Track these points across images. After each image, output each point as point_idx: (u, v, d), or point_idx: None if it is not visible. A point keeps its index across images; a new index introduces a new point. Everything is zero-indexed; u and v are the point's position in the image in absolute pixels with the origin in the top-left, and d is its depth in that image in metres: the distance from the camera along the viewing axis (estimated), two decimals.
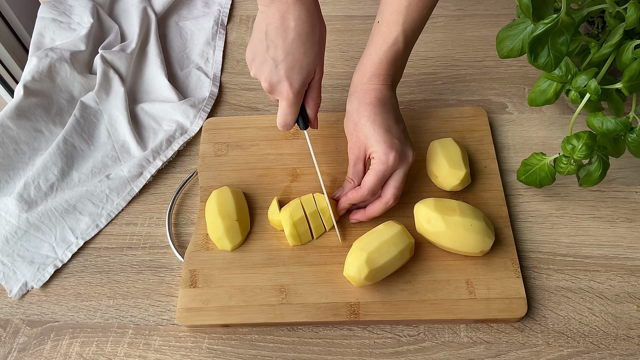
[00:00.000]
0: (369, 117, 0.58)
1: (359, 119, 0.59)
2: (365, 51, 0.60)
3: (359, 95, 0.59)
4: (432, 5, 0.59)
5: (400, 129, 0.60)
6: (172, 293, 0.62)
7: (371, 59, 0.59)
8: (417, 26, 0.59)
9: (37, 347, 0.59)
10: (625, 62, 0.55)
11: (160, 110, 0.74)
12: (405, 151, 0.59)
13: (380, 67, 0.59)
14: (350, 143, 0.60)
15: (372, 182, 0.58)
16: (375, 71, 0.59)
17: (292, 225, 0.60)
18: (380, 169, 0.58)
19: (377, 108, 0.59)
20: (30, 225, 0.65)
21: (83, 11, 0.81)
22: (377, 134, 0.58)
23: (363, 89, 0.59)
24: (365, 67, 0.60)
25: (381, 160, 0.58)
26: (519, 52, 0.59)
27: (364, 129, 0.58)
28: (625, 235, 0.63)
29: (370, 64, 0.59)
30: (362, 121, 0.59)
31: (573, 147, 0.57)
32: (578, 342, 0.57)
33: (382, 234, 0.58)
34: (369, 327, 0.59)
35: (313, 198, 0.63)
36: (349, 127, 0.60)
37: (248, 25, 0.86)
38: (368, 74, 0.59)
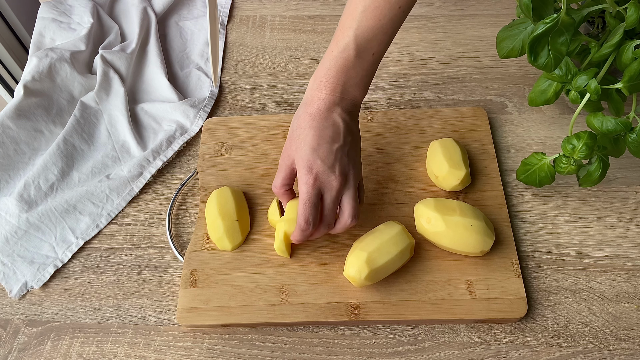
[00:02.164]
0: (303, 130, 0.54)
1: (296, 129, 0.55)
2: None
3: (305, 101, 0.55)
4: (393, 16, 0.53)
5: (331, 149, 0.53)
6: (172, 293, 0.62)
7: (323, 63, 0.55)
8: (373, 35, 0.53)
9: (37, 347, 0.59)
10: (625, 62, 0.55)
11: (160, 110, 0.74)
12: (326, 176, 0.53)
13: (329, 74, 0.54)
14: (283, 149, 0.56)
15: (302, 210, 0.53)
16: (324, 77, 0.54)
17: (282, 240, 0.60)
18: (303, 192, 0.53)
19: (315, 122, 0.54)
20: (30, 225, 0.65)
21: (83, 11, 0.81)
22: (302, 152, 0.53)
23: (310, 95, 0.55)
24: (318, 71, 0.55)
25: (302, 182, 0.53)
26: (519, 52, 0.59)
27: (295, 141, 0.54)
28: (626, 235, 0.63)
29: (322, 67, 0.55)
30: (298, 132, 0.54)
31: (573, 147, 0.57)
32: (578, 342, 0.57)
33: (382, 234, 0.58)
34: (369, 327, 0.59)
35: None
36: (289, 132, 0.56)
37: (248, 25, 0.86)
38: (318, 79, 0.54)
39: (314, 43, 0.83)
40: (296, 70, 0.80)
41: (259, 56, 0.82)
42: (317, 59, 0.81)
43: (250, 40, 0.84)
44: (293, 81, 0.79)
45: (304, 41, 0.83)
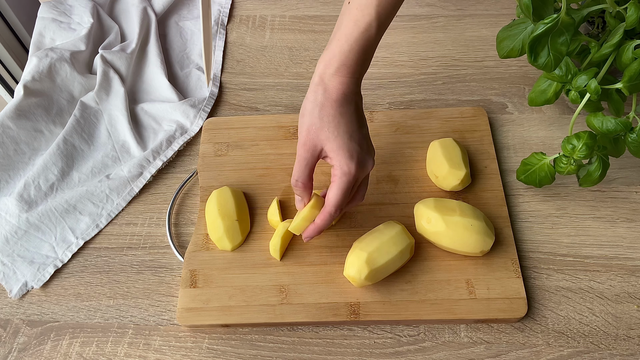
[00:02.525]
0: (334, 118, 0.52)
1: (322, 117, 0.52)
2: (333, 36, 0.53)
3: (325, 88, 0.52)
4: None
5: (362, 134, 0.54)
6: (172, 293, 0.62)
7: (340, 46, 0.52)
8: (392, 10, 0.52)
9: (37, 347, 0.59)
10: (625, 62, 0.55)
11: (160, 110, 0.74)
12: (365, 160, 0.54)
13: (350, 57, 0.52)
14: (304, 141, 0.53)
15: (338, 198, 0.53)
16: (345, 61, 0.52)
17: (279, 241, 0.60)
18: (344, 181, 0.52)
19: (343, 107, 0.52)
20: (30, 225, 0.65)
21: (83, 11, 0.81)
22: (340, 140, 0.52)
23: (330, 82, 0.52)
24: (333, 55, 0.52)
25: (344, 171, 0.52)
26: (519, 52, 0.59)
27: (326, 130, 0.52)
28: (626, 235, 0.63)
29: (339, 51, 0.52)
30: (325, 120, 0.52)
31: (573, 147, 0.57)
32: (578, 342, 0.57)
33: (382, 234, 0.58)
34: (369, 327, 0.59)
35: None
36: (306, 123, 0.53)
37: (248, 25, 0.86)
38: (335, 64, 0.52)
39: (314, 43, 0.83)
40: (296, 70, 0.80)
41: (259, 56, 0.82)
42: (317, 59, 0.81)
43: (250, 40, 0.84)
44: (293, 81, 0.79)
45: (304, 41, 0.83)
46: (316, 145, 0.53)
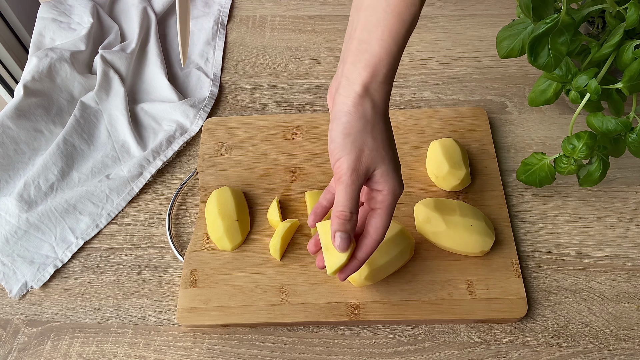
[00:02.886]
0: (387, 135, 0.45)
1: (376, 136, 0.45)
2: (369, 35, 0.43)
3: (373, 101, 0.44)
4: None
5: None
6: (172, 293, 0.62)
7: (387, 48, 0.43)
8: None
9: (37, 347, 0.59)
10: (626, 62, 0.55)
11: (160, 110, 0.74)
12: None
13: (397, 59, 0.44)
14: (355, 165, 0.45)
15: (387, 225, 0.47)
16: (393, 64, 0.44)
17: (279, 241, 0.60)
18: (393, 205, 0.47)
19: (389, 123, 0.46)
20: (30, 225, 0.65)
21: (83, 11, 0.81)
22: (393, 160, 0.46)
23: (377, 92, 0.44)
24: (380, 60, 0.43)
25: (395, 195, 0.46)
26: (519, 52, 0.58)
27: (381, 150, 0.45)
28: (626, 235, 0.63)
29: (387, 53, 0.43)
30: (379, 139, 0.45)
31: (573, 147, 0.57)
32: (578, 342, 0.57)
33: None
34: (369, 327, 0.59)
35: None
36: (356, 143, 0.44)
37: (248, 25, 0.86)
38: (384, 70, 0.44)
39: (314, 43, 0.83)
40: (296, 70, 0.80)
41: (259, 56, 0.82)
42: (317, 59, 0.81)
43: (250, 40, 0.84)
44: (293, 81, 0.79)
45: (304, 41, 0.83)
46: (369, 168, 0.46)
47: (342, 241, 0.46)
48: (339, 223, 0.46)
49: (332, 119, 0.46)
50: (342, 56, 0.46)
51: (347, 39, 0.46)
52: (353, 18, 0.45)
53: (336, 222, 0.46)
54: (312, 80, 0.79)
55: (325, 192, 0.52)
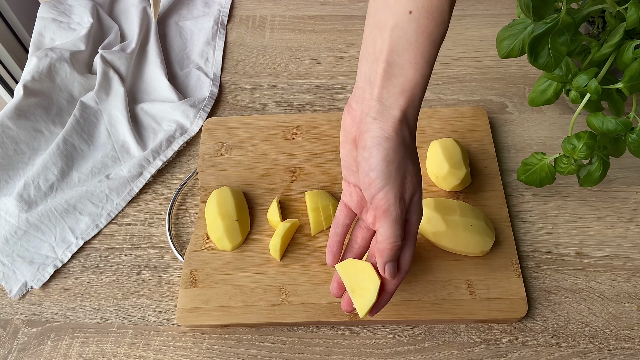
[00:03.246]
0: (418, 160, 0.45)
1: (415, 162, 0.44)
2: (403, 58, 0.41)
3: (409, 127, 0.43)
4: None
5: None
6: (172, 293, 0.62)
7: (421, 70, 0.42)
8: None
9: (37, 347, 0.59)
10: (626, 62, 0.55)
11: (160, 110, 0.74)
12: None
13: (428, 81, 0.43)
14: (400, 194, 0.43)
15: (412, 253, 0.47)
16: (425, 87, 0.43)
17: (279, 241, 0.60)
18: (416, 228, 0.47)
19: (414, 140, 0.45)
20: (30, 225, 0.65)
21: (83, 11, 0.81)
22: (421, 184, 0.45)
23: (411, 118, 0.43)
24: (416, 85, 0.42)
25: (421, 215, 0.47)
26: (519, 51, 0.58)
27: (419, 176, 0.45)
28: (626, 236, 0.63)
29: (421, 76, 0.42)
30: (417, 165, 0.45)
31: (573, 147, 0.57)
32: (578, 342, 0.57)
33: None
34: (369, 327, 0.59)
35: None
36: (399, 170, 0.43)
37: (248, 25, 0.86)
38: (419, 95, 0.42)
39: (314, 43, 0.83)
40: (296, 70, 0.80)
41: (259, 56, 0.82)
42: (317, 59, 0.81)
43: (250, 40, 0.84)
44: (293, 81, 0.79)
45: (304, 41, 0.83)
46: (411, 194, 0.44)
47: (392, 269, 0.46)
48: (392, 254, 0.45)
49: (367, 145, 0.43)
50: (364, 77, 0.43)
51: (370, 60, 0.43)
52: (375, 38, 0.42)
53: (387, 254, 0.45)
54: (312, 80, 0.79)
55: (341, 209, 0.50)
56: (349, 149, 0.47)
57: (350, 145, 0.46)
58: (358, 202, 0.49)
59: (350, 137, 0.45)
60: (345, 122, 0.46)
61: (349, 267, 0.48)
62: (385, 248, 0.44)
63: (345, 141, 0.47)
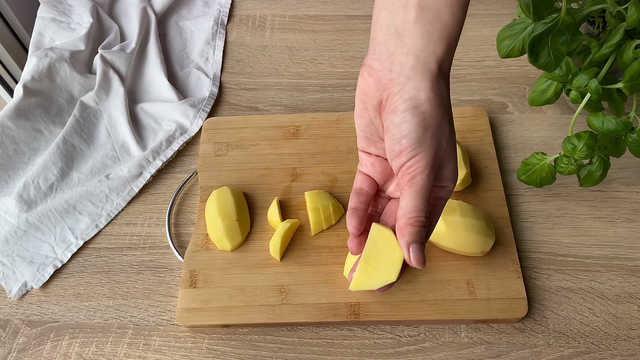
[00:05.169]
0: (451, 122, 0.39)
1: (451, 126, 0.39)
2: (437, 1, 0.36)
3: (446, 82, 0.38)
4: None
5: None
6: (172, 293, 0.62)
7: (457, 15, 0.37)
8: None
9: (37, 348, 0.59)
10: (626, 61, 0.55)
11: (160, 110, 0.74)
12: None
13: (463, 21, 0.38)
14: (432, 162, 0.38)
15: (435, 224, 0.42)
16: (461, 27, 0.38)
17: (279, 240, 0.60)
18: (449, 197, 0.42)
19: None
20: (29, 225, 0.65)
21: (83, 11, 0.81)
22: (455, 152, 0.40)
23: (448, 70, 0.38)
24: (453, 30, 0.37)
25: (450, 191, 0.41)
26: (520, 51, 0.58)
27: (455, 140, 0.40)
28: (626, 236, 0.63)
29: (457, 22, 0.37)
30: (453, 127, 0.40)
31: (574, 147, 0.57)
32: (579, 342, 0.57)
33: None
34: (369, 328, 0.59)
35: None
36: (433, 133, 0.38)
37: (248, 25, 0.86)
38: (455, 42, 0.38)
39: (314, 43, 0.83)
40: (296, 70, 0.80)
41: (259, 56, 0.82)
42: (317, 59, 0.81)
43: (250, 40, 0.84)
44: (293, 81, 0.79)
45: (304, 41, 0.83)
46: (442, 164, 0.39)
47: (419, 254, 0.39)
48: (415, 232, 0.38)
49: (399, 109, 0.37)
50: (386, 29, 0.38)
51: (395, 8, 0.37)
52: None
53: (410, 231, 0.38)
54: (312, 80, 0.79)
55: (362, 179, 0.44)
56: (369, 118, 0.41)
57: (373, 112, 0.40)
58: (382, 172, 0.43)
59: (373, 103, 0.39)
60: (365, 87, 0.40)
61: (383, 233, 0.40)
62: (406, 224, 0.38)
63: (364, 109, 0.41)
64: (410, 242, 0.38)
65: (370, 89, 0.39)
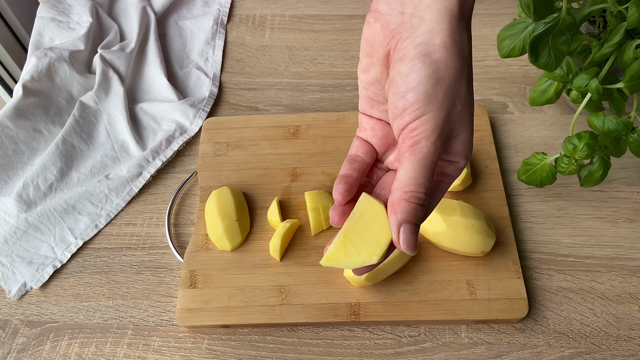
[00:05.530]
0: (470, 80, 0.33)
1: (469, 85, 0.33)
2: None
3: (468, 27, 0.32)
4: None
5: None
6: (172, 293, 0.62)
7: None
8: None
9: (36, 348, 0.59)
10: (627, 61, 0.55)
11: (160, 110, 0.74)
12: None
13: None
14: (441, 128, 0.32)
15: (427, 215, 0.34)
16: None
17: (280, 239, 0.60)
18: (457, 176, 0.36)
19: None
20: (29, 225, 0.65)
21: (82, 10, 0.81)
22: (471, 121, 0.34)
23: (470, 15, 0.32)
24: None
25: (465, 164, 0.35)
26: (520, 51, 0.58)
27: (472, 105, 0.34)
28: (627, 236, 0.63)
29: None
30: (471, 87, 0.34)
31: (574, 146, 0.57)
32: (579, 342, 0.57)
33: None
34: (369, 328, 0.59)
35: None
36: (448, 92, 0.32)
37: (248, 24, 0.86)
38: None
39: (314, 42, 0.83)
40: (296, 70, 0.80)
41: (259, 56, 0.82)
42: (317, 59, 0.81)
43: (250, 40, 0.84)
44: (293, 81, 0.79)
45: (304, 40, 0.83)
46: (453, 131, 0.32)
47: (411, 237, 0.32)
48: (409, 209, 0.31)
49: (407, 56, 0.31)
50: None
51: None
52: None
53: (404, 208, 0.31)
54: (312, 80, 0.78)
55: (358, 145, 0.37)
56: (375, 74, 0.35)
57: (380, 67, 0.34)
58: (383, 137, 0.37)
59: (380, 55, 0.34)
60: (371, 35, 0.34)
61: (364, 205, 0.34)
62: (401, 199, 0.32)
63: (370, 63, 0.35)
64: (402, 221, 0.32)
65: (376, 37, 0.33)
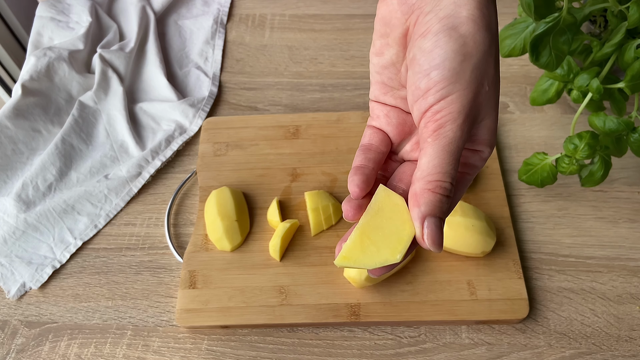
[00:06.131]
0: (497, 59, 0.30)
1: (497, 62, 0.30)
2: None
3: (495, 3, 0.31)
4: None
5: None
6: (171, 294, 0.61)
7: None
8: None
9: (36, 349, 0.59)
10: (628, 61, 0.55)
11: (159, 110, 0.74)
12: None
13: None
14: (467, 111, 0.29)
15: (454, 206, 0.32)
16: None
17: (279, 240, 0.60)
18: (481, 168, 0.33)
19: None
20: (28, 225, 0.65)
21: (81, 10, 0.81)
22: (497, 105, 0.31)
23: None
24: None
25: (489, 153, 0.32)
26: (521, 51, 0.58)
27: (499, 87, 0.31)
28: (628, 236, 0.63)
29: None
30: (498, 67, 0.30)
31: (575, 146, 0.56)
32: (580, 343, 0.57)
33: None
34: (369, 328, 0.58)
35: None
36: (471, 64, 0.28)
37: (247, 24, 0.86)
38: None
39: (314, 42, 0.82)
40: (296, 70, 0.80)
41: (259, 55, 0.82)
42: (317, 58, 0.80)
43: (249, 39, 0.84)
44: (293, 80, 0.78)
45: (304, 40, 0.83)
46: (479, 115, 0.30)
47: (436, 232, 0.29)
48: (435, 201, 0.29)
49: (431, 30, 0.28)
50: None
51: None
52: None
53: (428, 199, 0.29)
54: (312, 80, 0.78)
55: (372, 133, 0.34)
56: (390, 56, 0.32)
57: (397, 47, 0.31)
58: (398, 125, 0.34)
59: (396, 34, 0.31)
60: (387, 13, 0.31)
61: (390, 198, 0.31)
62: (425, 189, 0.29)
63: (385, 45, 0.32)
64: (426, 214, 0.29)
65: (393, 14, 0.30)
